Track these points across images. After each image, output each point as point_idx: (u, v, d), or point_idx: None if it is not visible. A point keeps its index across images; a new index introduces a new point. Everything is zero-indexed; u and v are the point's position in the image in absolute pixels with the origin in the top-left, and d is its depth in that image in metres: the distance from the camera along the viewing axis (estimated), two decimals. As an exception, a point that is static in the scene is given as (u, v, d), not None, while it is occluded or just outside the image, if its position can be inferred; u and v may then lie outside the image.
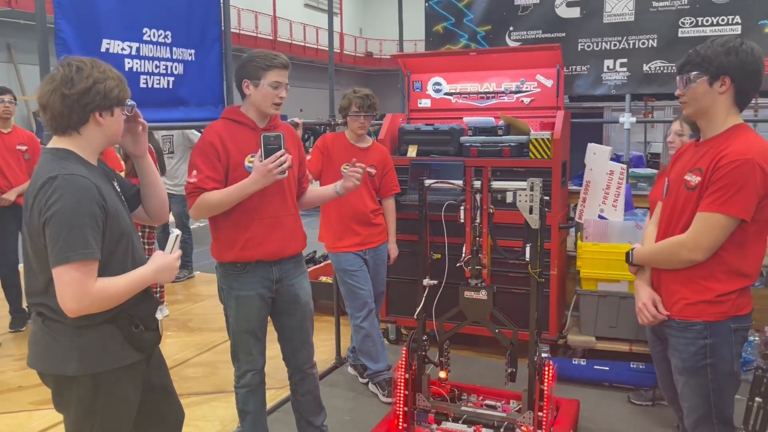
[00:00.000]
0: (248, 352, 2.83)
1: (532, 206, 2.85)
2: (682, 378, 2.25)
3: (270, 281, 2.77)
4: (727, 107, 2.14)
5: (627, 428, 3.47)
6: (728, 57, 2.09)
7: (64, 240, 1.73)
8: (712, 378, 2.16)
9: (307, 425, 3.10)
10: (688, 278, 2.18)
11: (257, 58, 2.64)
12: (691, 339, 2.18)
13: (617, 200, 4.33)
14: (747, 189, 2.03)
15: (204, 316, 5.57)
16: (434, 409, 3.19)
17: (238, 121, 2.72)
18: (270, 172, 2.55)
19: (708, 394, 2.18)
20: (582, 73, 4.77)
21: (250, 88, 2.65)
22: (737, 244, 2.11)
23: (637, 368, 3.90)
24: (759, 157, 2.04)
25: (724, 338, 2.14)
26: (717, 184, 2.07)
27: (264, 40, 25.73)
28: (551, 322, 4.23)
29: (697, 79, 2.13)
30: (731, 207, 2.05)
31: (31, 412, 3.74)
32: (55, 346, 1.86)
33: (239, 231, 2.69)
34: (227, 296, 2.81)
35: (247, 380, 2.86)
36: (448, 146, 4.44)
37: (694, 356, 2.18)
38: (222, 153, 2.63)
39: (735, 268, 2.13)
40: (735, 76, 2.10)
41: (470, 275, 3.05)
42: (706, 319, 2.15)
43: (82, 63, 1.85)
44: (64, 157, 1.84)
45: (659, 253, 2.29)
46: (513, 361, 3.05)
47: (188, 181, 2.64)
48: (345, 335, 4.47)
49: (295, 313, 2.88)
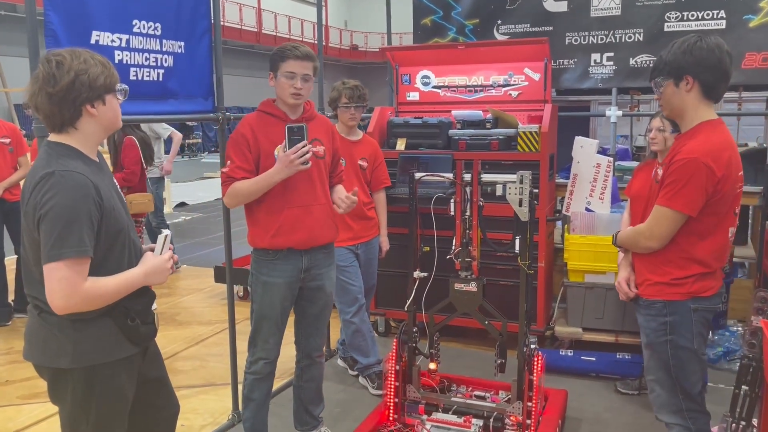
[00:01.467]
0: (266, 340, 2.89)
1: (522, 199, 2.88)
2: (647, 352, 2.42)
3: (299, 270, 2.84)
4: (695, 104, 2.25)
5: (613, 417, 3.52)
6: (685, 56, 2.21)
7: (58, 237, 1.73)
8: (673, 354, 2.31)
9: (305, 414, 3.13)
10: (652, 263, 2.35)
11: (277, 50, 2.75)
12: (653, 316, 2.34)
13: (604, 193, 4.37)
14: (691, 186, 2.15)
15: (192, 310, 5.56)
16: (424, 400, 3.22)
17: (270, 113, 2.81)
18: (292, 162, 2.63)
19: (669, 368, 2.32)
20: (569, 67, 4.80)
21: (274, 81, 2.77)
22: (694, 234, 2.24)
23: (623, 358, 3.96)
24: (706, 155, 2.14)
25: (683, 317, 2.29)
26: (668, 179, 2.22)
27: (248, 33, 25.57)
28: (539, 314, 4.27)
29: (665, 83, 2.27)
30: (677, 202, 2.19)
31: (20, 406, 3.72)
32: (51, 339, 1.85)
33: (271, 219, 2.77)
34: (255, 281, 2.87)
35: (258, 368, 2.92)
36: (436, 139, 4.46)
37: (655, 332, 2.34)
38: (252, 143, 2.72)
39: (692, 256, 2.26)
40: (696, 73, 2.20)
41: (460, 267, 3.08)
42: (665, 298, 2.31)
43: (61, 57, 1.81)
44: (63, 153, 1.83)
45: (628, 239, 2.49)
46: (502, 352, 3.08)
47: (222, 171, 2.77)
48: (334, 327, 4.49)
49: (318, 302, 2.97)
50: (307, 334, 3.03)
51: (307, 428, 3.17)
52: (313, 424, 3.17)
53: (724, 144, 2.20)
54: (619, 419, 3.50)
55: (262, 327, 2.88)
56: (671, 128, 3.25)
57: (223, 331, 4.91)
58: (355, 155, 3.76)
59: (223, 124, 3.26)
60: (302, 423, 3.16)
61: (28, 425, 3.49)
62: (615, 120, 4.70)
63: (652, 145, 3.36)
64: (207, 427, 3.45)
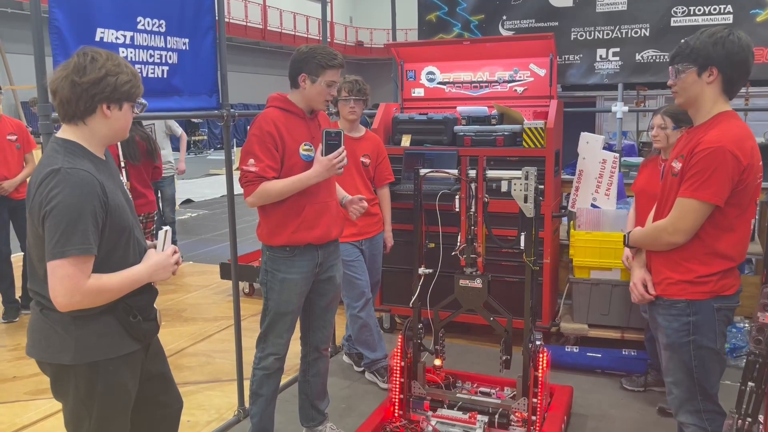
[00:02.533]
0: (279, 335, 2.91)
1: (527, 195, 2.87)
2: (666, 353, 2.35)
3: (315, 264, 2.88)
4: (714, 96, 2.21)
5: (619, 413, 3.52)
6: (715, 48, 2.15)
7: (62, 234, 1.73)
8: (695, 354, 2.25)
9: (311, 409, 3.15)
10: (672, 260, 2.28)
11: (319, 55, 2.71)
12: (675, 316, 2.27)
13: (610, 189, 4.36)
14: (718, 175, 2.10)
15: (197, 306, 5.57)
16: (430, 396, 3.22)
17: (289, 110, 2.80)
18: (334, 166, 2.73)
19: (691, 369, 2.27)
20: (575, 63, 4.78)
21: (306, 83, 2.74)
22: (719, 227, 2.18)
23: (629, 355, 3.95)
24: (731, 144, 2.10)
25: (706, 316, 2.23)
26: (691, 171, 2.15)
27: (254, 29, 25.58)
28: (544, 310, 4.26)
29: (686, 70, 2.21)
30: (703, 192, 2.13)
31: (27, 402, 3.74)
32: (54, 336, 1.86)
33: (292, 215, 2.79)
34: (272, 279, 2.87)
35: (268, 363, 2.93)
36: (441, 135, 4.45)
37: (677, 332, 2.27)
38: (279, 142, 2.73)
39: (716, 250, 2.20)
40: (722, 67, 2.16)
41: (465, 264, 3.07)
42: (688, 298, 2.24)
43: (97, 54, 1.86)
44: (70, 150, 1.84)
45: (647, 237, 2.39)
46: (507, 348, 3.08)
47: (246, 169, 2.71)
48: (340, 324, 4.49)
49: (328, 294, 3.01)
50: (315, 327, 3.05)
51: (314, 424, 3.17)
52: (319, 419, 3.17)
53: (746, 133, 2.17)
54: (624, 415, 3.49)
55: (278, 323, 2.89)
56: (672, 125, 3.25)
57: (228, 327, 4.92)
58: (357, 152, 3.75)
59: (228, 121, 3.26)
60: (308, 418, 3.17)
61: (35, 421, 3.51)
62: (621, 116, 4.68)
63: (655, 142, 3.36)
64: (213, 423, 3.46)
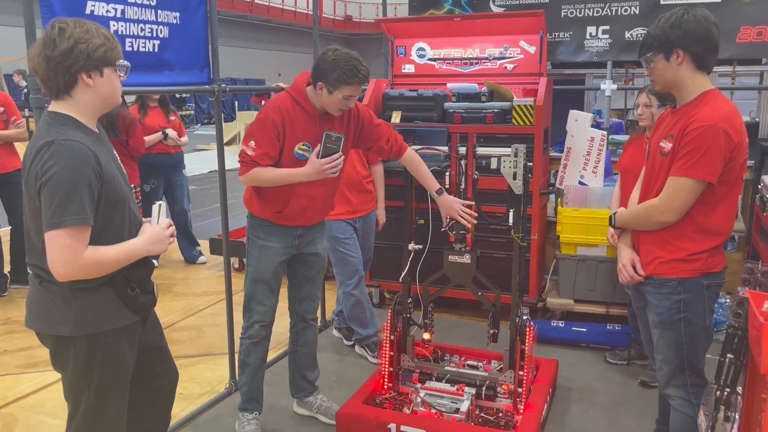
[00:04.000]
0: (261, 302, 2.95)
1: (516, 172, 2.92)
2: (657, 331, 2.39)
3: (293, 237, 2.92)
4: (691, 75, 2.24)
5: (602, 386, 3.61)
6: (673, 30, 2.19)
7: (58, 205, 1.75)
8: (686, 331, 2.30)
9: (302, 379, 3.20)
10: (662, 239, 2.30)
11: (340, 70, 2.61)
12: (666, 294, 2.31)
13: (597, 166, 4.41)
14: (712, 153, 2.13)
15: (188, 281, 5.60)
16: (418, 369, 3.29)
17: (301, 105, 2.76)
18: (324, 171, 2.70)
19: (681, 346, 2.32)
20: (565, 40, 4.79)
21: (323, 92, 2.68)
22: (707, 204, 2.22)
23: (613, 329, 4.04)
24: (723, 122, 2.13)
25: (696, 293, 2.28)
26: (684, 149, 2.17)
27: (241, 3, 25.21)
28: (531, 286, 4.33)
29: (654, 58, 2.25)
30: (697, 171, 2.15)
31: (18, 375, 3.77)
32: (53, 308, 1.89)
33: (278, 201, 2.82)
34: (252, 245, 2.93)
35: (254, 331, 2.98)
36: (432, 112, 4.46)
37: (668, 311, 2.31)
38: (281, 133, 2.72)
39: (706, 227, 2.24)
40: (685, 46, 2.19)
41: (454, 240, 3.12)
42: (679, 276, 2.28)
43: (64, 24, 1.83)
44: (62, 122, 1.84)
45: (637, 216, 2.41)
46: (495, 322, 3.14)
47: (245, 150, 2.73)
48: (330, 299, 4.55)
49: (313, 266, 3.05)
50: (301, 298, 3.09)
51: (304, 394, 3.23)
52: (310, 390, 3.23)
53: (735, 111, 2.21)
54: (607, 388, 3.58)
55: (257, 290, 2.94)
56: (658, 103, 3.30)
57: (219, 302, 4.96)
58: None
59: (219, 96, 3.25)
60: (298, 389, 3.23)
61: (27, 394, 3.54)
62: (609, 93, 4.71)
63: (640, 120, 3.41)
64: (205, 395, 3.51)
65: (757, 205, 3.92)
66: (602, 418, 3.27)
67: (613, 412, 3.32)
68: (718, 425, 1.94)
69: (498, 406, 3.10)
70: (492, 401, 3.12)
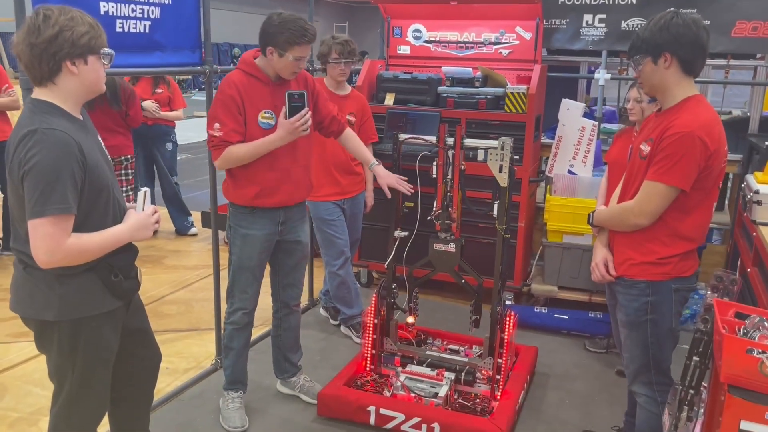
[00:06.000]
0: (244, 290, 2.99)
1: (502, 165, 2.95)
2: (624, 330, 2.45)
3: (276, 224, 2.94)
4: (676, 80, 2.25)
5: (581, 373, 3.69)
6: (662, 34, 2.20)
7: (41, 193, 1.77)
8: (652, 332, 2.36)
9: (285, 361, 3.27)
10: (635, 241, 2.34)
11: (288, 32, 2.66)
12: (635, 296, 2.36)
13: (587, 156, 4.43)
14: (686, 160, 2.15)
15: (178, 254, 5.65)
16: (401, 353, 3.36)
17: (254, 75, 2.79)
18: (296, 129, 2.73)
19: (647, 346, 2.38)
20: (561, 27, 4.77)
21: (274, 56, 2.72)
22: (682, 210, 2.25)
23: (595, 317, 4.11)
24: (701, 129, 2.15)
25: (664, 297, 2.33)
26: (660, 155, 2.20)
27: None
28: (516, 271, 4.40)
29: (643, 61, 2.26)
30: (671, 177, 2.18)
31: (8, 344, 3.82)
32: (37, 293, 1.93)
33: (253, 181, 2.83)
34: (234, 234, 2.96)
35: (237, 318, 3.04)
36: (425, 96, 4.47)
37: (636, 312, 2.37)
38: (241, 107, 2.74)
39: (678, 232, 2.28)
40: (673, 50, 2.20)
41: (440, 229, 3.16)
42: (648, 279, 2.32)
43: (49, 11, 1.84)
44: (45, 110, 1.86)
45: (613, 217, 2.46)
46: (477, 309, 3.22)
47: (212, 134, 2.75)
48: (317, 278, 4.60)
49: (295, 253, 3.08)
50: (284, 285, 3.13)
51: (287, 375, 3.31)
52: (293, 371, 3.30)
53: (714, 119, 2.22)
54: (585, 375, 3.67)
55: (240, 278, 2.98)
56: (648, 98, 3.31)
57: (209, 276, 4.97)
58: (344, 110, 3.77)
59: (210, 76, 3.25)
60: (282, 370, 3.30)
61: (17, 363, 3.60)
62: (603, 83, 4.71)
63: (631, 115, 3.42)
64: (191, 370, 3.58)
65: (740, 204, 3.97)
66: (577, 406, 3.36)
67: (588, 401, 3.40)
68: (681, 424, 2.01)
69: (476, 392, 3.18)
70: (471, 386, 3.20)
